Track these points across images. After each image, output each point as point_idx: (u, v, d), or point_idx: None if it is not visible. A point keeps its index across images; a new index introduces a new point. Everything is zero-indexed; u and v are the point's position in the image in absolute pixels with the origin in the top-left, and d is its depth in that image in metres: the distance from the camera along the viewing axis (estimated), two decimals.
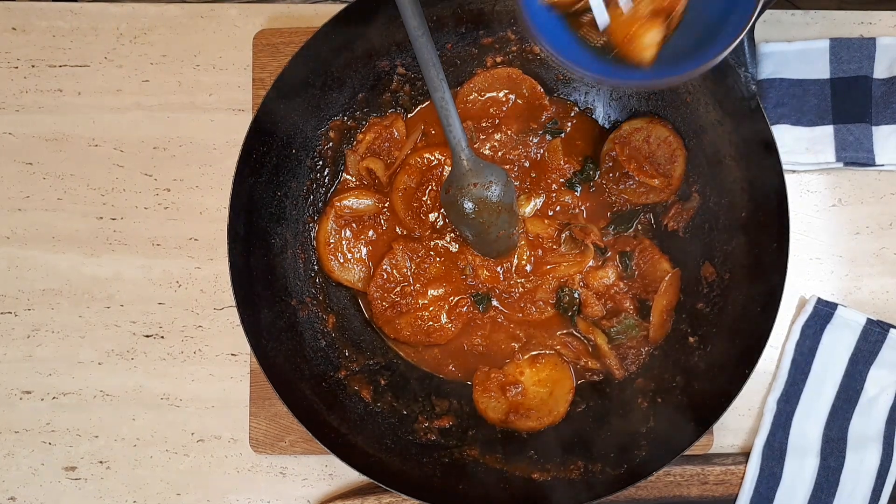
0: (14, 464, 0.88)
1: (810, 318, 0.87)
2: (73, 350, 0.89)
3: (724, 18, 0.66)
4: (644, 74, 0.67)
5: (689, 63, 0.65)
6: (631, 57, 0.68)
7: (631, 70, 0.67)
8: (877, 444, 0.86)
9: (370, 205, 0.87)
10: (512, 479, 0.80)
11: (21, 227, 0.90)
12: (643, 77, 0.67)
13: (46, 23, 0.92)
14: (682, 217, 0.86)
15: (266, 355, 0.77)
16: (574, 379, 0.86)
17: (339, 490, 0.88)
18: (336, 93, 0.84)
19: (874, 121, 0.88)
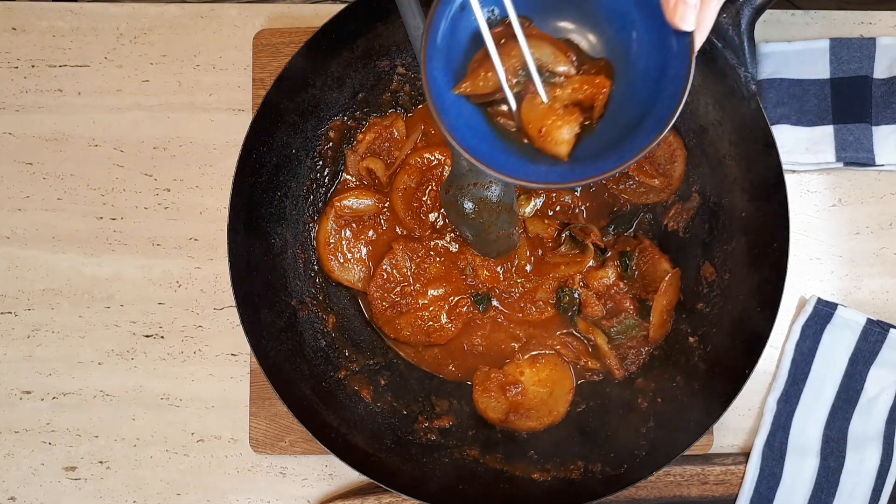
0: (14, 464, 0.88)
1: (810, 318, 0.87)
2: (73, 350, 0.89)
3: (647, 112, 0.63)
4: (561, 175, 0.64)
5: (610, 160, 0.63)
6: (546, 151, 0.65)
7: (548, 170, 0.64)
8: (877, 444, 0.86)
9: (370, 205, 0.87)
10: (512, 479, 0.81)
11: (21, 227, 0.90)
12: (561, 178, 0.64)
13: (46, 23, 0.92)
14: (682, 217, 0.86)
15: (266, 355, 0.77)
16: (574, 379, 0.86)
17: (339, 490, 0.88)
18: (336, 93, 0.84)
19: (874, 121, 0.88)
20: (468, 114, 0.66)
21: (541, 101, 0.65)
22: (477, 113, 0.67)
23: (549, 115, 0.65)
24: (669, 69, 0.62)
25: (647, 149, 0.61)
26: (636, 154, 0.61)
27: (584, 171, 0.63)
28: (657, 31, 0.61)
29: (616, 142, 0.64)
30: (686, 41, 0.60)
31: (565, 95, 0.65)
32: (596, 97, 0.65)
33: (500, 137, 0.67)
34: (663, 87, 0.63)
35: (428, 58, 0.63)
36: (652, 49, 0.64)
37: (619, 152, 0.63)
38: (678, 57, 0.61)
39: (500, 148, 0.66)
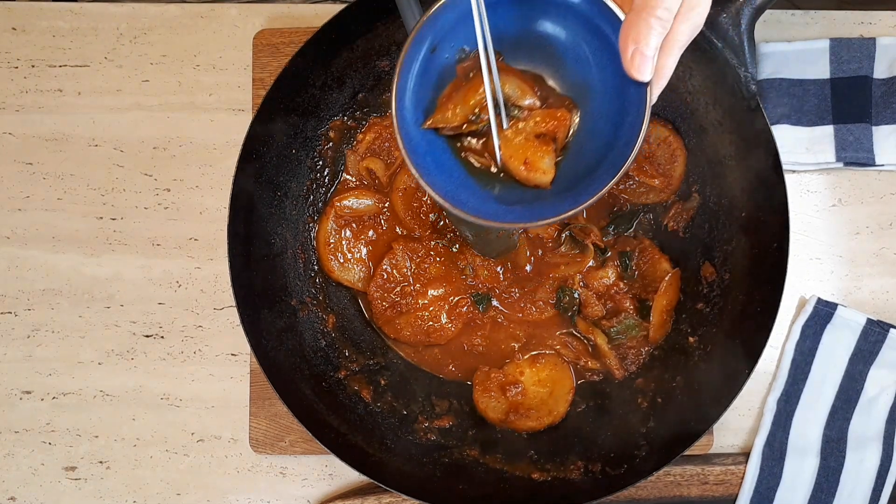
0: (14, 464, 0.88)
1: (810, 318, 0.87)
2: (73, 350, 0.89)
3: (605, 155, 0.64)
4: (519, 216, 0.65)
5: (567, 202, 0.64)
6: (530, 182, 0.67)
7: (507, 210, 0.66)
8: (877, 444, 0.86)
9: (370, 205, 0.87)
10: (512, 479, 0.81)
11: (21, 227, 0.90)
12: (519, 218, 0.65)
13: (46, 23, 0.92)
14: (683, 217, 0.86)
15: (266, 355, 0.77)
16: (574, 379, 0.86)
17: (339, 490, 0.88)
18: (336, 93, 0.84)
19: (874, 121, 0.88)
20: (436, 152, 0.67)
21: (516, 136, 0.66)
22: (446, 150, 0.68)
23: (528, 146, 0.66)
24: (627, 116, 0.63)
25: (601, 193, 0.62)
26: (591, 197, 0.62)
27: (541, 212, 0.64)
28: (618, 78, 0.61)
29: (575, 182, 0.66)
30: (643, 91, 0.60)
31: (529, 127, 0.66)
32: (558, 131, 0.67)
33: (469, 174, 0.69)
34: (620, 133, 0.64)
35: (399, 98, 0.64)
36: (612, 94, 0.65)
37: (576, 194, 0.64)
38: (635, 105, 0.62)
39: (466, 185, 0.67)
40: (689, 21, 0.58)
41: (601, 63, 0.65)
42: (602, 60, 0.65)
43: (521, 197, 0.67)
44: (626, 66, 0.58)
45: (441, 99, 0.67)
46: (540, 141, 0.66)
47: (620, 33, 0.58)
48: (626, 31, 0.57)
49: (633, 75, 0.58)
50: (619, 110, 0.64)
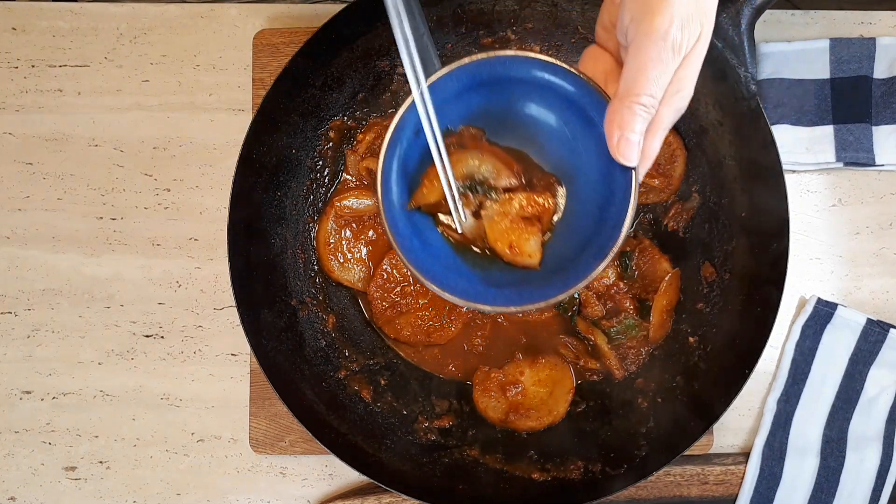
0: (14, 464, 0.88)
1: (810, 318, 0.87)
2: (73, 350, 0.89)
3: (593, 237, 0.64)
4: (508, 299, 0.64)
5: (555, 286, 0.63)
6: (518, 264, 0.67)
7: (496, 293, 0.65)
8: (877, 445, 0.86)
9: (370, 205, 0.87)
10: (512, 479, 0.80)
11: (21, 227, 0.90)
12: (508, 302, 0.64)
13: (46, 23, 0.92)
14: (683, 217, 0.86)
15: (266, 355, 0.77)
16: (574, 379, 0.86)
17: (339, 490, 0.88)
18: (336, 93, 0.84)
19: (874, 121, 0.88)
20: (424, 233, 0.68)
21: (503, 218, 0.66)
22: (433, 231, 0.69)
23: (513, 229, 0.66)
24: (614, 197, 0.63)
25: (590, 277, 0.61)
26: (580, 281, 0.62)
27: (529, 296, 0.64)
28: (604, 160, 0.61)
29: (564, 263, 0.65)
30: (629, 175, 0.60)
31: (514, 210, 0.66)
32: (543, 214, 0.67)
33: (457, 255, 0.69)
34: (608, 215, 0.63)
35: (384, 182, 0.64)
36: (599, 175, 0.64)
37: (565, 277, 0.63)
38: (622, 187, 0.61)
39: (454, 267, 0.67)
40: (673, 105, 0.58)
41: (587, 144, 0.65)
42: (588, 142, 0.65)
43: (510, 279, 0.67)
44: (612, 151, 0.58)
45: (423, 178, 0.68)
46: (526, 223, 0.66)
47: (605, 119, 0.58)
48: (612, 117, 0.57)
49: (620, 160, 0.58)
50: (607, 191, 0.64)
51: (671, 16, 0.53)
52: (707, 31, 0.56)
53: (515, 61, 0.64)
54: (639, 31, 0.54)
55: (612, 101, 0.57)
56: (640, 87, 0.55)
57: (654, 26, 0.53)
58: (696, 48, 0.56)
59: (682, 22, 0.54)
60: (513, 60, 0.63)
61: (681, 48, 0.55)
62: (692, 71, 0.57)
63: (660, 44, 0.54)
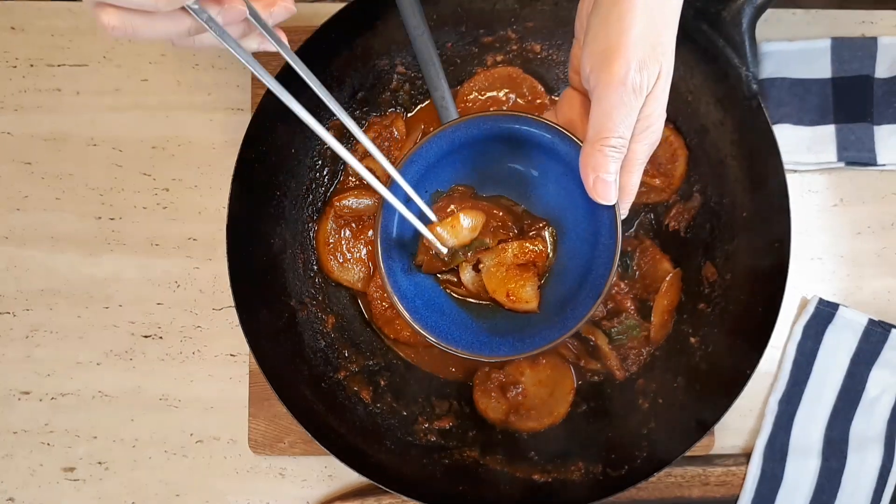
0: (13, 465, 0.88)
1: (812, 318, 0.87)
2: (71, 350, 0.89)
3: (586, 277, 0.67)
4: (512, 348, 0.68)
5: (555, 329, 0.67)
6: (518, 310, 0.70)
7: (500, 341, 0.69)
8: (878, 445, 0.85)
9: (370, 205, 0.87)
10: (512, 480, 0.80)
11: (19, 226, 0.90)
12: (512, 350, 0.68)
13: (45, 22, 0.91)
14: (684, 217, 0.86)
15: (265, 356, 0.77)
16: (575, 379, 0.86)
17: (338, 491, 0.88)
18: (336, 92, 0.84)
19: (876, 120, 0.88)
20: (427, 292, 0.71)
21: (499, 269, 0.70)
22: (436, 289, 0.73)
23: (509, 278, 0.69)
24: (601, 236, 0.66)
25: (586, 317, 0.65)
26: (578, 321, 0.65)
27: (532, 342, 0.67)
28: (586, 201, 0.63)
29: (562, 305, 0.68)
30: (611, 213, 0.63)
31: (508, 259, 0.69)
32: (536, 259, 0.70)
33: (461, 309, 0.73)
34: (597, 253, 0.67)
35: (383, 250, 0.68)
36: (583, 216, 0.68)
37: (564, 319, 0.67)
38: (606, 226, 0.65)
39: (459, 321, 0.71)
40: (644, 141, 0.60)
41: (570, 188, 0.68)
42: (570, 186, 0.68)
43: (513, 326, 0.70)
44: (589, 192, 0.61)
45: (422, 243, 0.71)
46: (521, 270, 0.70)
47: (580, 162, 0.60)
48: (585, 161, 0.59)
49: (598, 200, 0.61)
50: (593, 231, 0.67)
51: (627, 61, 0.55)
52: (667, 67, 0.58)
53: (490, 120, 0.67)
54: (600, 79, 0.56)
55: (584, 146, 0.60)
56: (607, 131, 0.57)
57: (612, 73, 0.56)
58: (657, 86, 0.58)
59: (640, 65, 0.56)
60: (488, 120, 0.67)
61: (641, 89, 0.57)
62: (658, 107, 0.59)
63: (620, 89, 0.56)
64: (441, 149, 0.69)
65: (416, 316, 0.68)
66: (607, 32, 0.56)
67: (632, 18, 0.55)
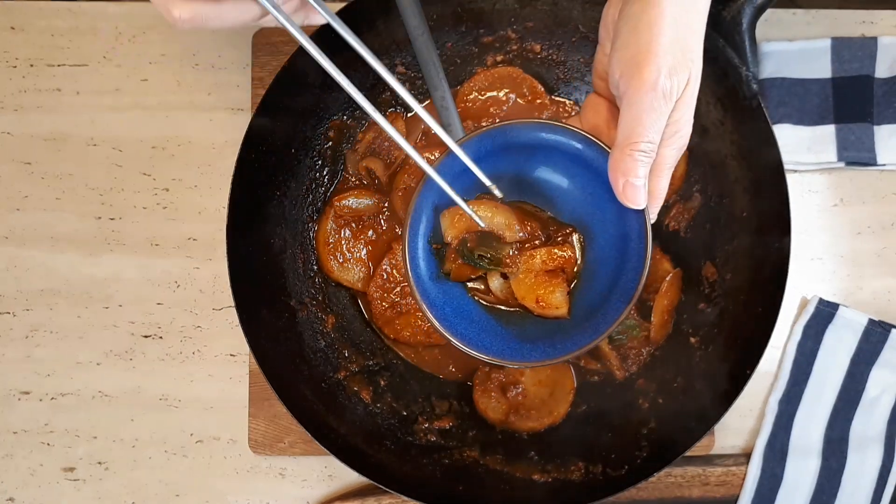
0: (12, 465, 0.88)
1: (812, 318, 0.87)
2: (71, 350, 0.89)
3: (616, 281, 0.67)
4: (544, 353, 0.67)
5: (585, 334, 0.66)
6: (547, 316, 0.69)
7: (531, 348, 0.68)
8: (878, 445, 0.85)
9: (370, 204, 0.87)
10: (512, 480, 0.80)
11: (19, 226, 0.90)
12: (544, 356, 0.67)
13: (45, 22, 0.91)
14: (684, 217, 0.86)
15: (265, 356, 0.77)
16: (575, 379, 0.86)
17: (338, 491, 0.88)
18: (336, 92, 0.84)
19: (876, 120, 0.88)
20: (455, 301, 0.71)
21: (528, 275, 0.69)
22: (464, 297, 0.72)
23: (538, 284, 0.69)
24: (630, 241, 0.65)
25: (618, 321, 0.64)
26: (610, 325, 0.65)
27: (563, 347, 0.67)
28: (615, 206, 0.63)
29: (593, 310, 0.68)
30: (641, 217, 0.63)
31: (537, 266, 0.69)
32: (565, 265, 0.69)
33: (490, 316, 0.72)
34: (627, 258, 0.66)
35: (411, 258, 0.68)
36: (613, 221, 0.67)
37: (595, 323, 0.66)
38: (636, 230, 0.64)
39: (488, 328, 0.71)
40: (673, 145, 0.60)
41: (598, 194, 0.68)
42: (598, 191, 0.67)
43: (543, 332, 0.70)
44: (619, 197, 0.61)
45: (442, 218, 0.70)
46: (550, 276, 0.69)
47: (609, 168, 0.60)
48: (614, 166, 0.60)
49: (628, 205, 0.61)
50: (623, 235, 0.66)
51: (658, 67, 0.56)
52: (696, 72, 0.59)
53: (518, 128, 0.67)
54: (630, 85, 0.57)
55: (613, 151, 0.60)
56: (637, 136, 0.57)
57: (642, 79, 0.56)
58: (686, 91, 0.59)
59: (670, 70, 0.56)
60: (515, 127, 0.67)
61: (671, 94, 0.57)
62: (687, 112, 0.60)
63: (650, 94, 0.56)
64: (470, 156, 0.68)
65: (446, 324, 0.68)
66: (637, 39, 0.56)
67: (662, 25, 0.56)
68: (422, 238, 0.70)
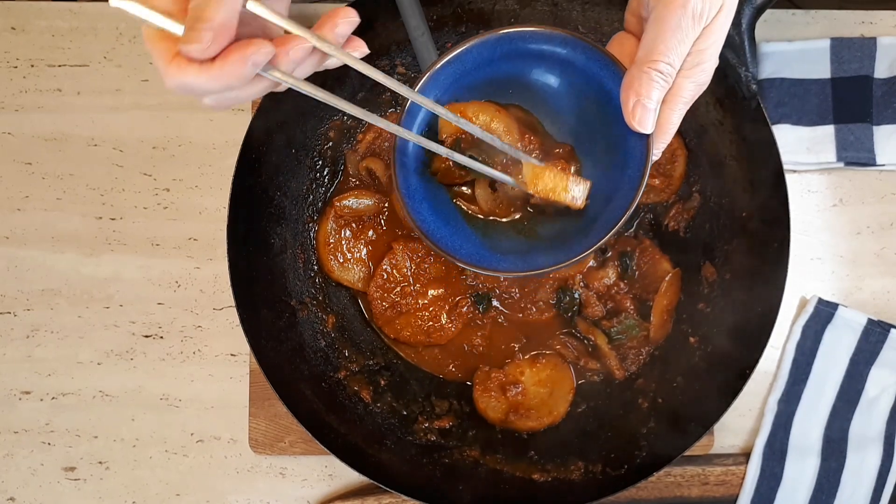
0: (13, 464, 0.88)
1: (811, 318, 0.87)
2: (72, 350, 0.89)
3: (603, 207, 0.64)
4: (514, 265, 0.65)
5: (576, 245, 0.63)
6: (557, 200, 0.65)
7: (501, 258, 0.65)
8: (877, 445, 0.86)
9: (370, 205, 0.87)
10: (512, 479, 0.80)
11: (20, 227, 0.90)
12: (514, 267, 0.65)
13: (45, 22, 0.92)
14: (683, 217, 0.86)
15: (265, 356, 0.77)
16: (574, 379, 0.86)
17: (338, 491, 0.88)
18: (336, 92, 0.83)
19: (875, 121, 0.88)
20: (434, 200, 0.68)
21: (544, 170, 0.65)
22: (445, 199, 0.69)
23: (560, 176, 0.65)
24: (627, 169, 0.62)
25: (595, 246, 0.61)
26: (585, 250, 0.61)
27: (533, 263, 0.64)
28: (618, 129, 0.60)
29: (571, 234, 0.65)
30: (643, 145, 0.60)
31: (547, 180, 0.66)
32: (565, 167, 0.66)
33: (466, 223, 0.69)
34: (619, 187, 0.63)
35: (399, 150, 0.65)
36: (613, 146, 0.64)
37: (569, 246, 0.63)
38: (636, 159, 0.61)
39: (462, 233, 0.68)
40: (692, 78, 0.57)
41: (602, 114, 0.64)
42: (603, 111, 0.64)
43: (516, 247, 0.68)
44: (627, 117, 0.58)
45: None
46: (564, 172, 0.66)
47: (622, 85, 0.58)
48: (628, 83, 0.57)
49: (635, 127, 0.58)
50: (620, 163, 0.63)
51: None
52: (730, 5, 0.56)
53: (529, 36, 0.63)
54: (660, 1, 0.54)
55: (630, 68, 0.57)
56: (657, 54, 0.55)
57: None
58: (717, 20, 0.56)
59: None
60: (526, 35, 0.63)
61: (701, 17, 0.55)
62: (713, 43, 0.57)
63: (679, 11, 0.54)
64: (476, 59, 0.64)
65: (420, 217, 0.64)
66: None
67: None
68: (417, 127, 0.66)
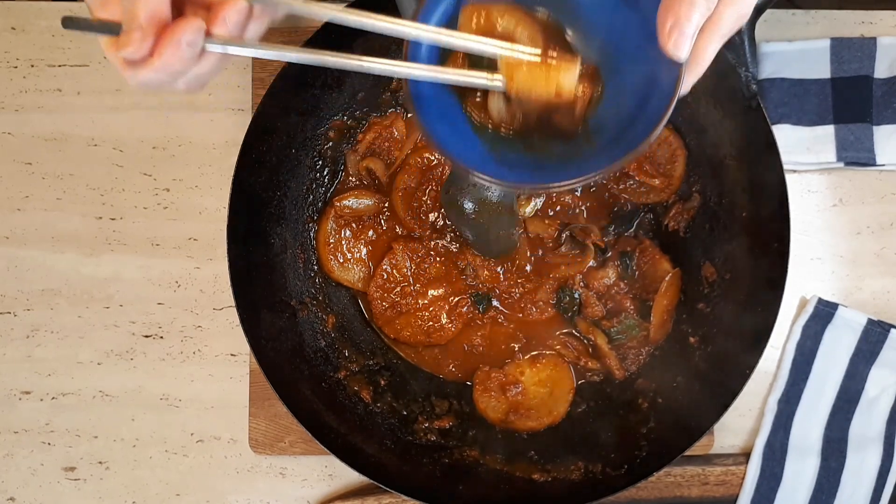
0: (13, 464, 0.88)
1: (811, 318, 0.87)
2: (72, 350, 0.89)
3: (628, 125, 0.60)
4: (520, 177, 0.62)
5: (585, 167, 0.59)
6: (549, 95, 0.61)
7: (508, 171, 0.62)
8: (877, 445, 0.86)
9: (370, 205, 0.87)
10: (512, 479, 0.80)
11: (20, 227, 0.90)
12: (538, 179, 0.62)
13: (45, 22, 0.92)
14: (683, 217, 0.86)
15: (265, 355, 0.77)
16: (574, 379, 0.86)
17: (338, 491, 0.88)
18: (336, 92, 0.84)
19: (875, 121, 0.88)
20: (442, 104, 0.64)
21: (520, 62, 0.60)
22: (456, 105, 0.65)
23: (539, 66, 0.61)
24: (651, 99, 0.59)
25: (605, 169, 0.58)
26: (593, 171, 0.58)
27: (540, 177, 0.62)
28: (649, 55, 0.57)
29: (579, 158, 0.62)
30: (675, 75, 0.56)
31: None
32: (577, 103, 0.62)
33: (474, 132, 0.65)
34: (639, 116, 0.59)
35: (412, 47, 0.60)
36: (640, 73, 0.60)
37: (577, 165, 0.60)
38: (663, 89, 0.58)
39: (469, 141, 0.64)
40: (734, 6, 0.55)
41: (633, 36, 0.60)
42: (634, 34, 0.60)
43: (522, 162, 0.64)
44: (661, 41, 0.55)
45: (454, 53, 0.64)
46: None
47: (661, 6, 0.55)
48: (667, 5, 0.54)
49: (669, 52, 0.54)
50: (644, 92, 0.59)
51: None
52: None
53: None
54: None
55: None
56: None
57: None
58: None
59: None
60: None
61: None
62: None
63: None
64: None
65: (426, 120, 0.61)
66: None
67: None
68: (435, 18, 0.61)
